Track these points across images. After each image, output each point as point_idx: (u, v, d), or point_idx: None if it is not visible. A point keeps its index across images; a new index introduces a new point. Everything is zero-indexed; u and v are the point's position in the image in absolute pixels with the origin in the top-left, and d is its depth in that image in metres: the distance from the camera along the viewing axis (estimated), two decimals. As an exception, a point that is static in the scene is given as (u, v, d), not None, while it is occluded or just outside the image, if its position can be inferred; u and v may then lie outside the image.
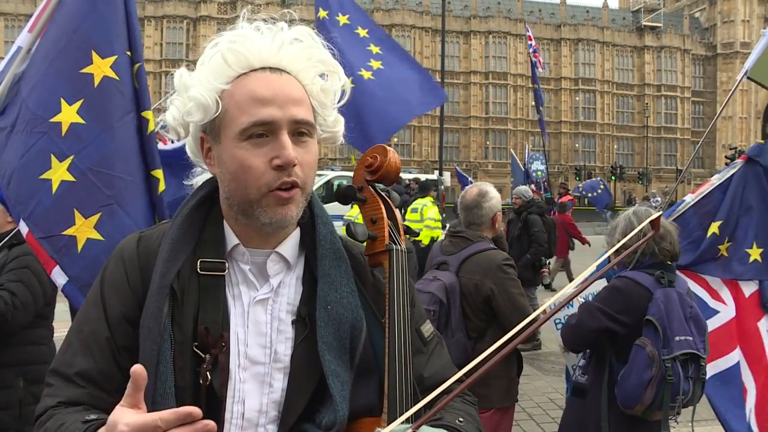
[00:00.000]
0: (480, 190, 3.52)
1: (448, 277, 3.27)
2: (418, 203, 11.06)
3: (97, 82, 2.30)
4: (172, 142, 2.94)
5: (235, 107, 1.11)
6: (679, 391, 2.71)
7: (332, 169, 24.36)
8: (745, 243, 3.43)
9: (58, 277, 2.25)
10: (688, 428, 3.12)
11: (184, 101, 1.15)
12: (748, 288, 3.50)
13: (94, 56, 2.31)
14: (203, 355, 1.09)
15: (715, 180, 3.57)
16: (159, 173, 2.44)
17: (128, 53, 2.39)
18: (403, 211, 14.93)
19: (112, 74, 2.32)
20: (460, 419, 1.16)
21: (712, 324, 3.35)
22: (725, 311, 3.48)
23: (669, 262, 2.96)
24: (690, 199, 3.57)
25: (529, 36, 16.08)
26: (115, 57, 2.34)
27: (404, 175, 16.55)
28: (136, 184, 2.33)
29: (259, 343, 1.14)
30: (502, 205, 3.69)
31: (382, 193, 1.27)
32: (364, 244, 1.23)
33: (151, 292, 1.12)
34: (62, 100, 2.27)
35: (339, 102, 1.23)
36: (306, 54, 1.16)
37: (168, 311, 1.10)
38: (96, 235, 2.24)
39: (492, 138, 61.56)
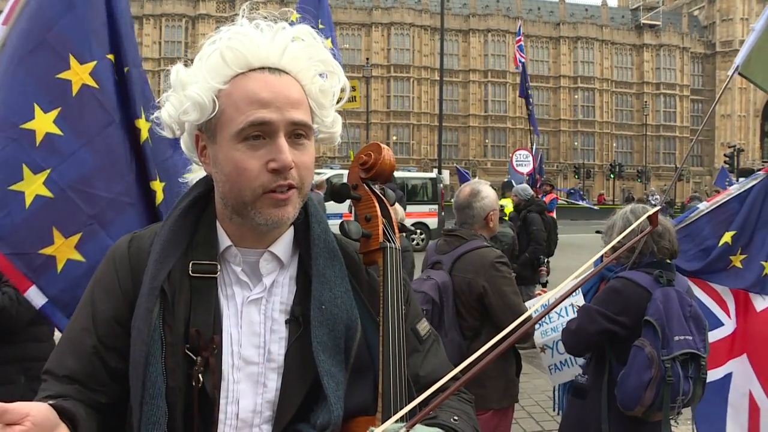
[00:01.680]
0: (472, 189, 3.46)
1: (441, 276, 3.24)
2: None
3: (75, 90, 2.13)
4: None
5: (233, 108, 1.09)
6: (679, 391, 2.69)
7: (331, 168, 24.29)
8: (760, 256, 3.36)
9: (36, 297, 2.10)
10: (688, 427, 3.12)
11: (180, 99, 1.13)
12: (759, 303, 3.39)
13: (72, 61, 2.13)
14: (195, 358, 1.08)
15: (734, 190, 3.51)
16: (156, 185, 2.30)
17: (109, 57, 2.21)
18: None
19: (91, 82, 2.14)
20: (455, 417, 1.15)
21: (715, 336, 3.28)
22: (728, 325, 3.43)
23: (668, 261, 2.94)
24: (704, 207, 3.53)
25: (519, 39, 16.08)
26: (95, 63, 2.16)
27: None
28: (117, 201, 2.19)
29: (253, 343, 1.13)
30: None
31: (377, 191, 1.26)
32: (359, 242, 1.22)
33: (141, 293, 1.12)
34: (36, 107, 2.09)
35: (338, 103, 1.22)
36: (306, 53, 1.14)
37: (159, 313, 1.09)
38: (77, 256, 2.10)
39: (491, 136, 61.60)
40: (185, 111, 1.12)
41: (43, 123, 2.09)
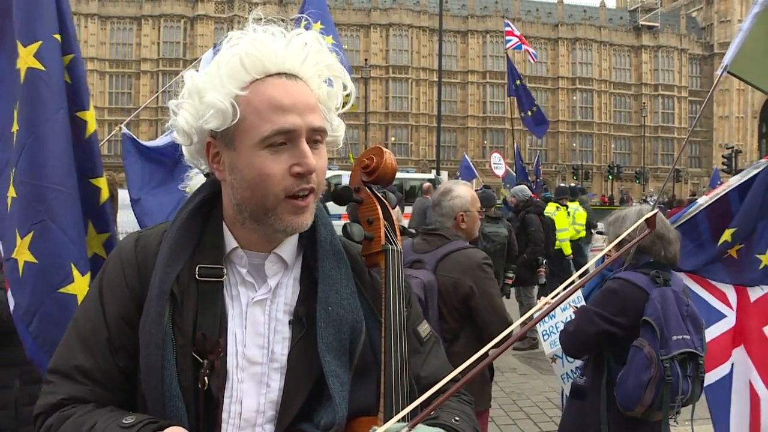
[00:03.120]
0: (446, 188, 3.38)
1: (426, 275, 3.13)
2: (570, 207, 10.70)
3: (23, 77, 1.96)
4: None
5: (254, 115, 1.10)
6: (678, 390, 2.70)
7: (330, 168, 24.37)
8: (758, 248, 3.31)
9: (10, 300, 2.02)
10: (687, 427, 3.12)
11: (197, 106, 1.12)
12: (755, 293, 3.37)
13: (19, 47, 1.97)
14: (201, 361, 1.10)
15: (734, 181, 3.42)
16: (101, 182, 2.13)
17: (56, 37, 2.02)
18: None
19: (36, 64, 1.96)
20: (456, 418, 1.17)
21: (719, 328, 3.29)
22: (731, 316, 3.40)
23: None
24: (703, 201, 3.47)
25: (507, 31, 15.93)
26: (39, 43, 1.97)
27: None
28: (69, 194, 2.01)
29: (257, 343, 1.15)
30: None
31: (379, 194, 1.28)
32: (361, 244, 1.23)
33: (150, 297, 1.13)
34: (14, 108, 2.01)
35: (344, 107, 1.23)
36: (314, 59, 1.16)
37: (169, 315, 1.11)
38: (30, 257, 1.95)
39: (489, 137, 61.57)
40: (207, 120, 1.11)
41: (15, 123, 2.00)
